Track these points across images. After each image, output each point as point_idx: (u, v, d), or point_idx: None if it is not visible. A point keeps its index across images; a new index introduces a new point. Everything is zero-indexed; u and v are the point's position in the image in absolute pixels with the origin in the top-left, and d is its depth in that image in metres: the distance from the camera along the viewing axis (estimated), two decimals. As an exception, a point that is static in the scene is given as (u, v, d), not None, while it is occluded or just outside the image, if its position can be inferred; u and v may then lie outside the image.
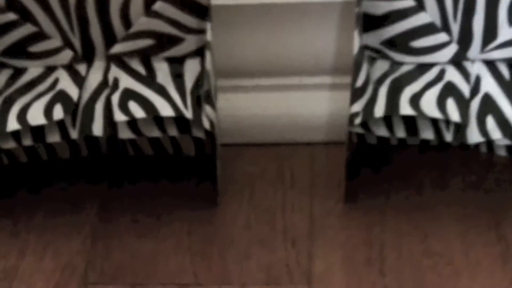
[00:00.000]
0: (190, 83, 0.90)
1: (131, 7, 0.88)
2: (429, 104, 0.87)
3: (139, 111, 0.87)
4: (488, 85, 0.90)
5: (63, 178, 0.99)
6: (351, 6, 0.90)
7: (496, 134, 0.87)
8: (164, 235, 0.92)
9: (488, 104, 0.88)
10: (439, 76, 0.91)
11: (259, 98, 1.01)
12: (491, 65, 0.91)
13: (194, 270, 0.88)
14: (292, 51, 0.97)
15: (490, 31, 0.89)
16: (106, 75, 0.90)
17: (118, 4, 0.88)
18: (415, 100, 0.88)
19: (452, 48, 0.90)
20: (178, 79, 0.90)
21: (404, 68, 0.92)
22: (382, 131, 0.90)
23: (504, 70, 0.91)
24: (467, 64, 0.91)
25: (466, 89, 0.89)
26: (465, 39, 0.90)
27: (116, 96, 0.88)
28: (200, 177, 0.98)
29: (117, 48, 0.91)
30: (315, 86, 1.00)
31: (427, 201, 0.94)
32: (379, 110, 0.87)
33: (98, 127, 0.87)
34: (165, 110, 0.87)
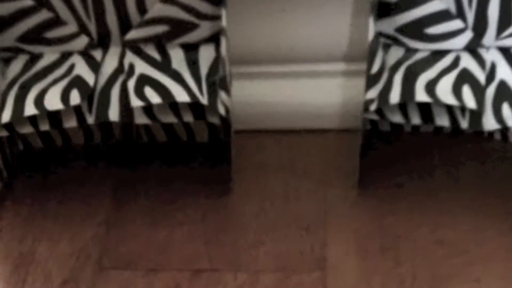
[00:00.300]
0: (205, 69, 0.90)
1: (147, -7, 0.89)
2: (444, 91, 0.87)
3: (155, 97, 0.87)
4: (504, 72, 0.90)
5: (77, 164, 1.00)
6: (366, -7, 0.91)
7: (512, 121, 0.87)
8: (178, 222, 0.92)
9: (504, 91, 0.88)
10: (454, 63, 0.91)
11: (272, 85, 1.01)
12: (506, 52, 0.91)
13: (208, 256, 0.88)
14: (306, 38, 0.97)
15: (505, 18, 0.89)
16: (122, 61, 0.91)
17: (134, -10, 0.88)
18: (430, 86, 0.88)
19: (467, 35, 0.90)
20: (193, 65, 0.90)
21: (418, 55, 0.92)
22: (397, 117, 0.90)
23: (520, 57, 0.91)
24: (482, 51, 0.91)
25: (482, 76, 0.89)
26: (480, 26, 0.90)
27: (132, 82, 0.88)
28: (213, 164, 0.99)
29: (132, 34, 0.91)
30: (328, 73, 1.00)
31: (440, 190, 0.94)
32: (395, 96, 0.87)
33: (114, 113, 0.88)
34: (181, 96, 0.87)
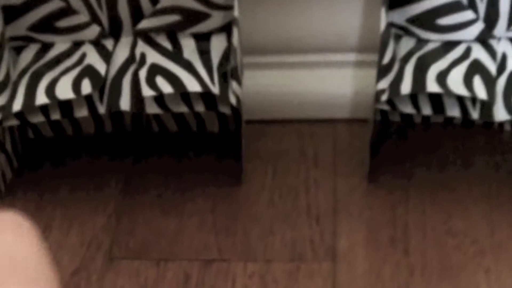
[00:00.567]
0: (216, 59, 0.90)
1: (158, -18, 0.88)
2: (455, 82, 0.87)
3: (166, 87, 0.87)
4: (515, 63, 0.90)
5: (88, 154, 1.00)
6: (377, -17, 0.90)
7: (523, 112, 0.87)
8: (189, 212, 0.92)
9: (515, 82, 0.88)
10: (465, 54, 0.90)
11: (283, 75, 1.00)
12: (517, 43, 0.91)
13: (218, 247, 0.88)
14: (317, 28, 0.97)
15: (517, 9, 0.89)
16: (133, 50, 0.91)
17: (145, -20, 0.88)
18: (441, 77, 0.88)
19: (478, 26, 0.90)
20: (205, 55, 0.90)
21: (430, 46, 0.91)
22: (408, 108, 0.90)
23: (531, 49, 0.91)
24: (493, 42, 0.91)
25: (493, 67, 0.89)
26: (491, 17, 0.89)
27: (143, 72, 0.88)
28: (223, 154, 0.99)
29: (144, 24, 0.91)
30: (339, 64, 1.00)
31: (451, 181, 0.94)
32: (406, 87, 0.87)
33: (125, 102, 0.88)
34: (192, 85, 0.87)
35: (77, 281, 0.85)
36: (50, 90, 0.88)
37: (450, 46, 0.91)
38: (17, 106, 0.88)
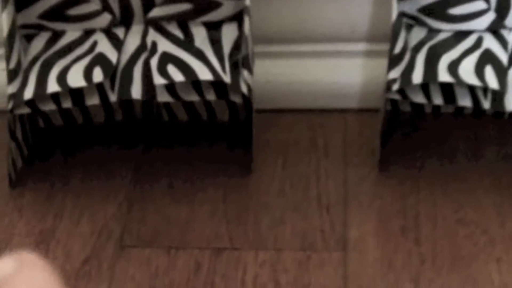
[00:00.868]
0: (227, 48, 0.90)
1: (170, -29, 0.88)
2: (467, 72, 0.87)
3: (178, 75, 0.87)
4: (527, 53, 0.89)
5: (98, 143, 1.00)
6: (389, -28, 0.90)
7: (535, 102, 0.86)
8: (199, 201, 0.92)
9: (527, 72, 0.88)
10: (477, 44, 0.90)
11: (294, 64, 1.00)
12: (529, 33, 0.91)
13: (229, 235, 0.88)
14: (328, 18, 0.97)
15: (529, -1, 0.89)
16: (144, 39, 0.91)
17: (156, -32, 0.88)
18: (453, 67, 0.87)
19: (490, 16, 0.90)
20: (216, 44, 0.90)
21: (441, 36, 0.91)
22: (419, 98, 0.89)
23: (543, 38, 0.90)
24: (504, 32, 0.90)
25: (504, 56, 0.88)
26: (502, 7, 0.89)
27: (154, 60, 0.88)
28: (234, 143, 0.99)
29: (155, 12, 0.91)
30: (350, 53, 0.99)
31: (462, 171, 0.94)
32: (417, 77, 0.87)
33: (136, 91, 0.88)
34: (204, 74, 0.87)
35: (87, 269, 0.85)
36: (62, 78, 0.88)
37: (461, 36, 0.91)
38: (28, 94, 0.88)
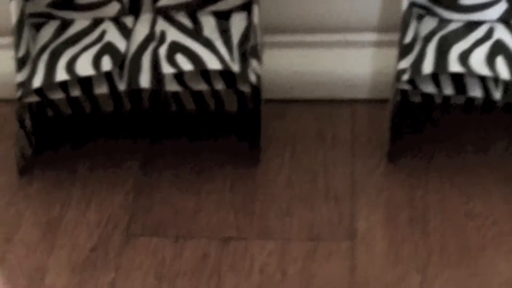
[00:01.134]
0: (236, 37, 0.90)
1: (179, -41, 0.88)
2: (478, 62, 0.86)
3: (186, 64, 0.86)
4: (539, 44, 0.89)
5: (106, 133, 1.00)
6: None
7: (546, 93, 0.86)
8: (206, 191, 0.92)
9: (539, 63, 0.87)
10: (488, 34, 0.89)
11: (302, 54, 1.00)
12: (541, 24, 0.90)
13: (237, 225, 0.88)
14: (337, 8, 0.96)
15: (542, -11, 0.88)
16: (153, 28, 0.90)
17: (165, -43, 0.88)
18: (464, 57, 0.87)
19: (502, 6, 0.89)
20: (225, 33, 0.90)
21: (452, 26, 0.90)
22: (429, 88, 0.89)
23: (555, 29, 0.90)
24: (516, 23, 0.90)
25: (516, 47, 0.88)
26: (515, -2, 0.89)
27: (163, 49, 0.88)
28: (242, 134, 0.98)
29: (164, 1, 0.90)
30: (359, 43, 0.99)
31: (470, 163, 0.93)
32: (428, 67, 0.86)
33: (145, 80, 0.87)
34: (212, 63, 0.86)
35: (94, 258, 0.85)
36: (70, 67, 0.88)
37: (472, 26, 0.90)
38: (37, 82, 0.88)
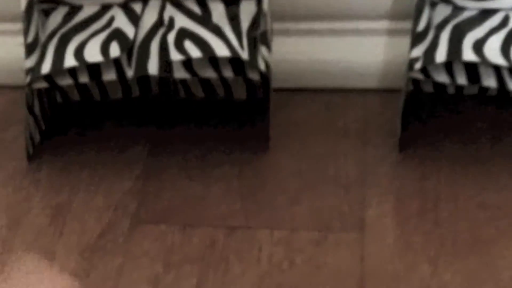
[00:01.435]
0: (245, 24, 0.89)
1: None
2: (492, 51, 0.85)
3: (195, 51, 0.86)
4: (555, 32, 0.87)
5: (115, 119, 1.00)
6: None
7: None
8: (214, 178, 0.91)
9: (554, 52, 0.85)
10: (503, 22, 0.88)
11: (313, 42, 0.99)
12: (557, 12, 0.88)
13: (244, 213, 0.87)
14: (349, -5, 0.95)
15: (558, -23, 0.86)
16: (162, 14, 0.89)
17: None
18: (478, 46, 0.85)
19: (517, -6, 0.88)
20: (234, 20, 0.89)
21: (466, 14, 0.89)
22: (442, 77, 0.87)
23: None
24: (532, 11, 0.88)
25: (531, 36, 0.86)
26: (531, -15, 0.87)
27: (171, 36, 0.87)
28: (251, 121, 0.97)
29: (173, -14, 0.90)
30: (371, 31, 0.97)
31: (483, 154, 0.92)
32: (441, 55, 0.85)
33: (153, 66, 0.87)
34: (221, 50, 0.85)
35: (103, 243, 0.85)
36: (79, 53, 0.87)
37: (487, 14, 0.89)
38: (45, 68, 0.88)
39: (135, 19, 0.89)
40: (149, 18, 0.90)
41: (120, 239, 0.85)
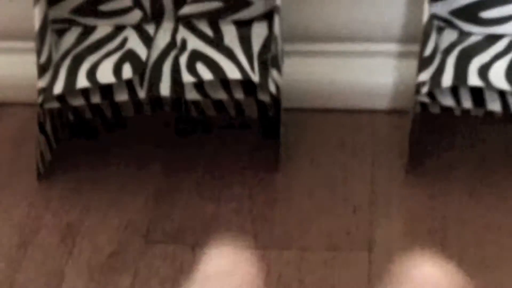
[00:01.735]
0: (257, 46, 0.90)
1: (201, -32, 0.88)
2: (497, 76, 0.86)
3: (207, 73, 0.87)
4: (560, 57, 0.88)
5: (126, 138, 1.00)
6: (422, -27, 0.89)
7: None
8: (226, 198, 0.92)
9: (560, 76, 0.87)
10: (508, 48, 0.89)
11: (324, 63, 1.00)
12: None
13: (254, 233, 0.88)
14: (360, 18, 0.96)
15: None
16: (174, 36, 0.91)
17: (188, -34, 0.88)
18: (483, 71, 0.87)
19: (523, 19, 0.89)
20: (245, 42, 0.90)
21: (472, 39, 0.90)
22: (448, 101, 0.89)
23: None
24: (538, 36, 0.90)
25: (537, 61, 0.87)
26: (536, 11, 0.88)
27: (184, 57, 0.88)
28: (262, 141, 0.98)
29: (186, 9, 0.91)
30: (380, 54, 0.99)
31: (491, 174, 0.93)
32: (447, 79, 0.86)
33: (165, 87, 0.88)
34: (232, 73, 0.87)
35: (113, 263, 0.86)
36: (91, 74, 0.89)
37: (493, 39, 0.90)
38: (58, 89, 0.89)
39: (148, 41, 0.91)
40: (162, 39, 0.91)
41: (130, 259, 0.86)
